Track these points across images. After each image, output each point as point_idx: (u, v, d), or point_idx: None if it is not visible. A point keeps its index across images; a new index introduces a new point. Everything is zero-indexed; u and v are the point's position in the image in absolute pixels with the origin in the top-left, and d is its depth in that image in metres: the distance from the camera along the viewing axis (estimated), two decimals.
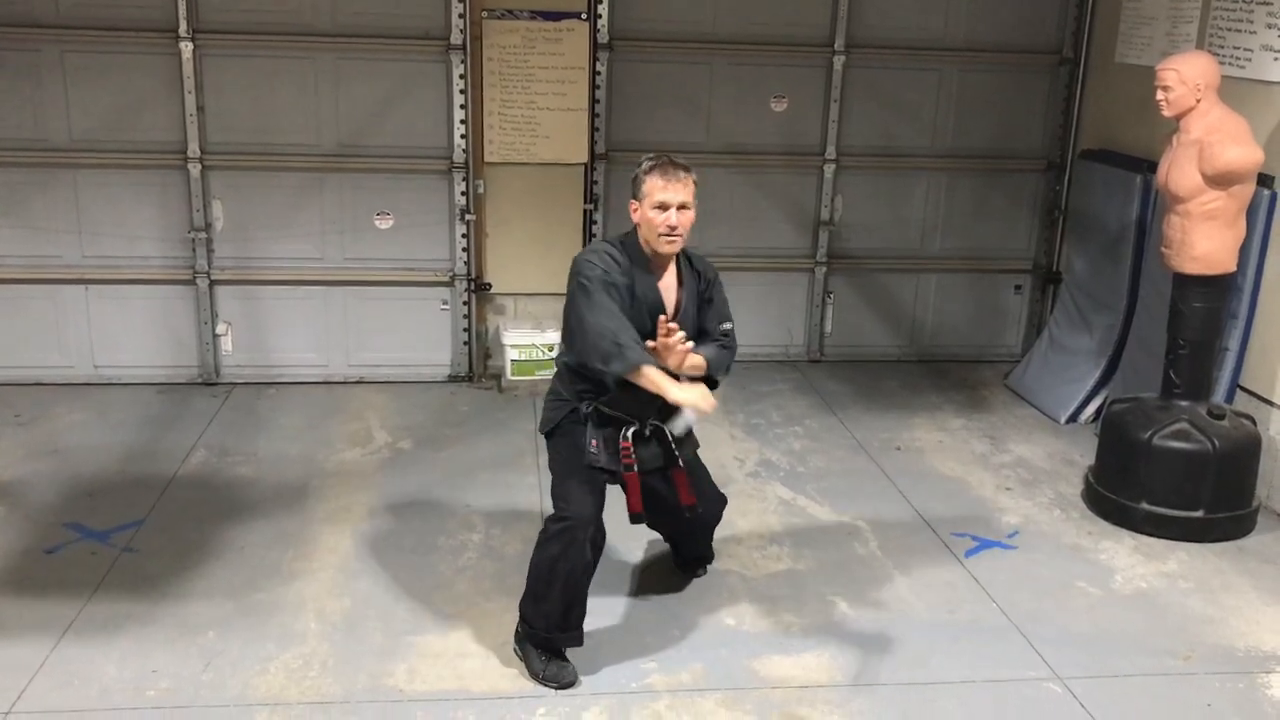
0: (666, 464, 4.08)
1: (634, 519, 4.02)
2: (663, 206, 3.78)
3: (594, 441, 3.93)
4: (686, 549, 4.61)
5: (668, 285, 3.95)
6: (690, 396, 3.67)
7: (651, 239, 3.85)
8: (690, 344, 3.78)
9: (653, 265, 3.92)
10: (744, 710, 3.79)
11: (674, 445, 4.03)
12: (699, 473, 4.32)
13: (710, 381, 3.92)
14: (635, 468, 3.95)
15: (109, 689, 3.80)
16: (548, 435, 4.07)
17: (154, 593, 4.38)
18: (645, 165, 3.84)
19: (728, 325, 4.05)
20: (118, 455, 5.65)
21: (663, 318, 3.76)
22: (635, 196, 3.86)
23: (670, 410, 3.86)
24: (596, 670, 3.97)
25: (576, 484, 3.93)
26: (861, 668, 4.05)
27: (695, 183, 3.87)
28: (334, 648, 4.07)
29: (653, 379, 3.67)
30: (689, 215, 3.83)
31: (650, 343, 3.73)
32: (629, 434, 3.94)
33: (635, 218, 3.88)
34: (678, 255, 3.98)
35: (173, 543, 4.78)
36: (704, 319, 4.03)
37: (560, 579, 3.87)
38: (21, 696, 3.75)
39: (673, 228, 3.79)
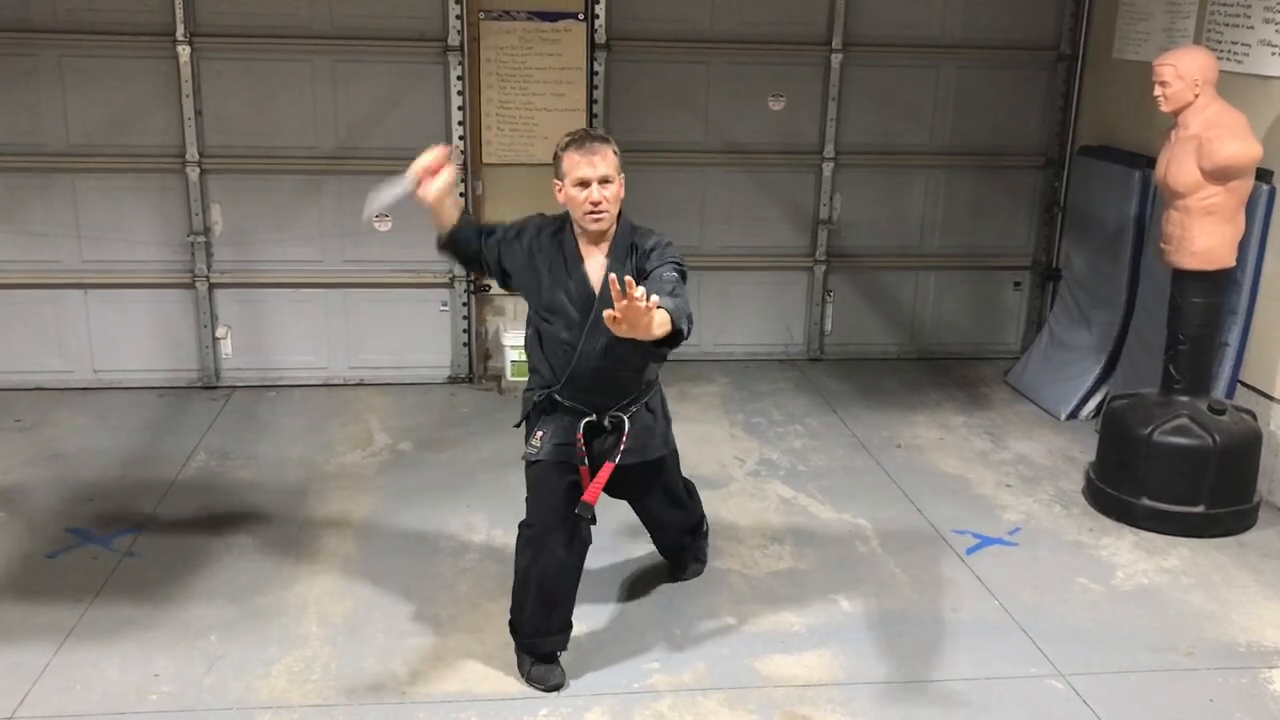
0: (609, 456, 3.82)
1: (582, 508, 3.78)
2: (583, 183, 3.59)
3: (538, 434, 3.85)
4: (669, 549, 4.55)
5: (596, 266, 3.72)
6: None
7: (578, 218, 3.67)
8: (655, 299, 3.23)
9: (586, 246, 3.74)
10: (747, 709, 3.79)
11: (622, 439, 3.81)
12: (671, 478, 4.22)
13: (676, 336, 3.40)
14: (585, 461, 3.81)
15: (111, 693, 3.80)
16: (519, 427, 4.03)
17: (155, 597, 4.39)
18: (563, 141, 3.69)
19: (673, 275, 3.59)
20: (118, 459, 5.65)
21: (613, 277, 3.18)
22: (557, 176, 3.68)
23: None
24: (598, 670, 3.97)
25: (540, 487, 3.88)
26: (864, 666, 4.05)
27: (617, 153, 3.65)
28: (336, 650, 4.07)
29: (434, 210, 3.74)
30: (613, 189, 3.62)
31: (609, 311, 3.18)
32: (581, 425, 3.81)
33: (560, 199, 3.70)
34: (620, 235, 3.75)
35: (174, 547, 4.78)
36: (647, 288, 3.53)
37: (534, 585, 3.85)
38: (24, 701, 3.75)
39: (596, 204, 3.60)
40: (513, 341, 6.71)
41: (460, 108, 6.53)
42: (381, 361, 6.83)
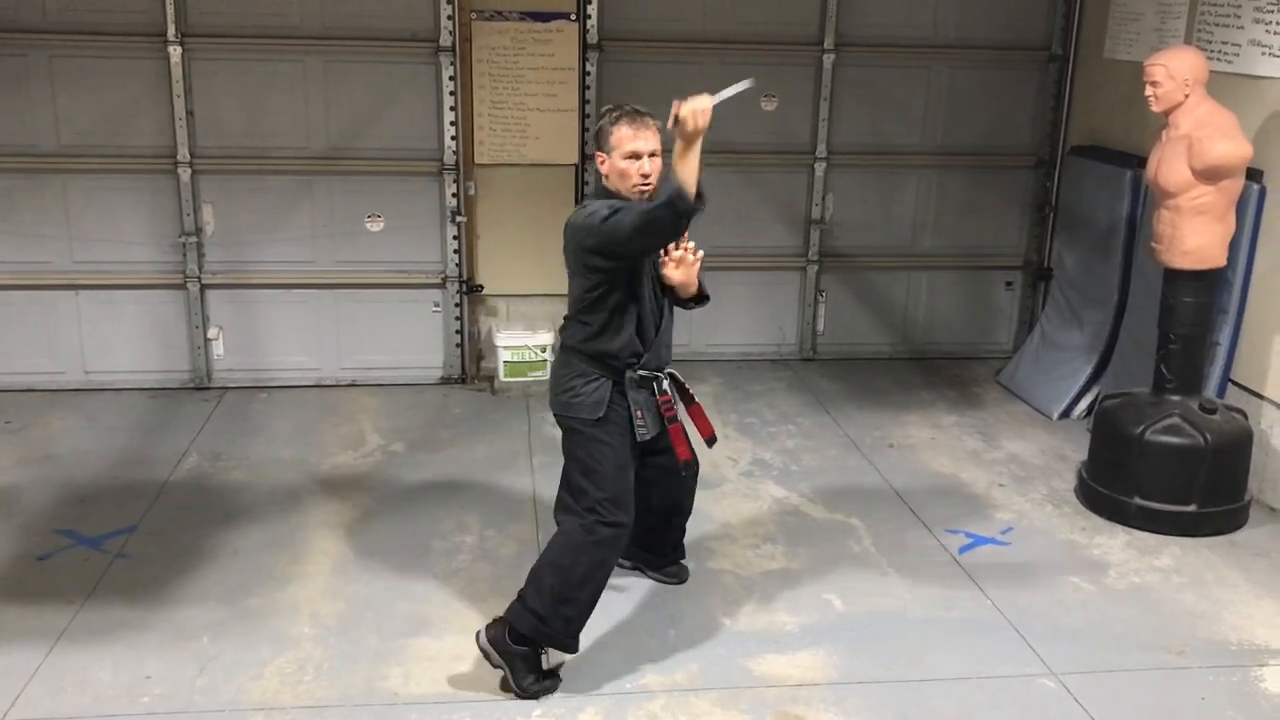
0: (686, 404, 4.08)
1: (686, 468, 4.03)
2: (635, 155, 3.71)
3: (638, 414, 3.86)
4: (676, 527, 4.51)
5: None
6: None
7: (625, 190, 3.76)
8: (702, 254, 3.81)
9: None
10: (739, 709, 3.79)
11: (686, 390, 4.10)
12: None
13: (703, 297, 3.99)
14: (677, 417, 3.95)
15: (102, 695, 3.79)
16: (597, 421, 3.82)
17: (147, 598, 4.37)
18: (611, 115, 3.76)
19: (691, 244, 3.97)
20: (110, 461, 5.64)
21: (687, 244, 3.80)
22: (601, 148, 3.77)
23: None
24: (592, 671, 3.97)
25: (625, 480, 3.88)
26: (856, 666, 4.05)
27: (661, 130, 3.76)
28: (328, 652, 4.06)
29: (688, 164, 3.46)
30: (659, 163, 3.75)
31: (671, 256, 3.76)
32: (665, 385, 3.92)
33: (604, 170, 3.79)
34: None
35: (166, 548, 4.77)
36: None
37: (594, 584, 3.83)
38: (15, 704, 3.74)
39: (646, 176, 3.72)
40: (506, 342, 6.70)
41: (452, 108, 6.52)
42: (374, 362, 6.82)
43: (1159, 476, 5.06)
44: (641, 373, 3.88)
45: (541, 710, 3.77)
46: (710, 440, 4.24)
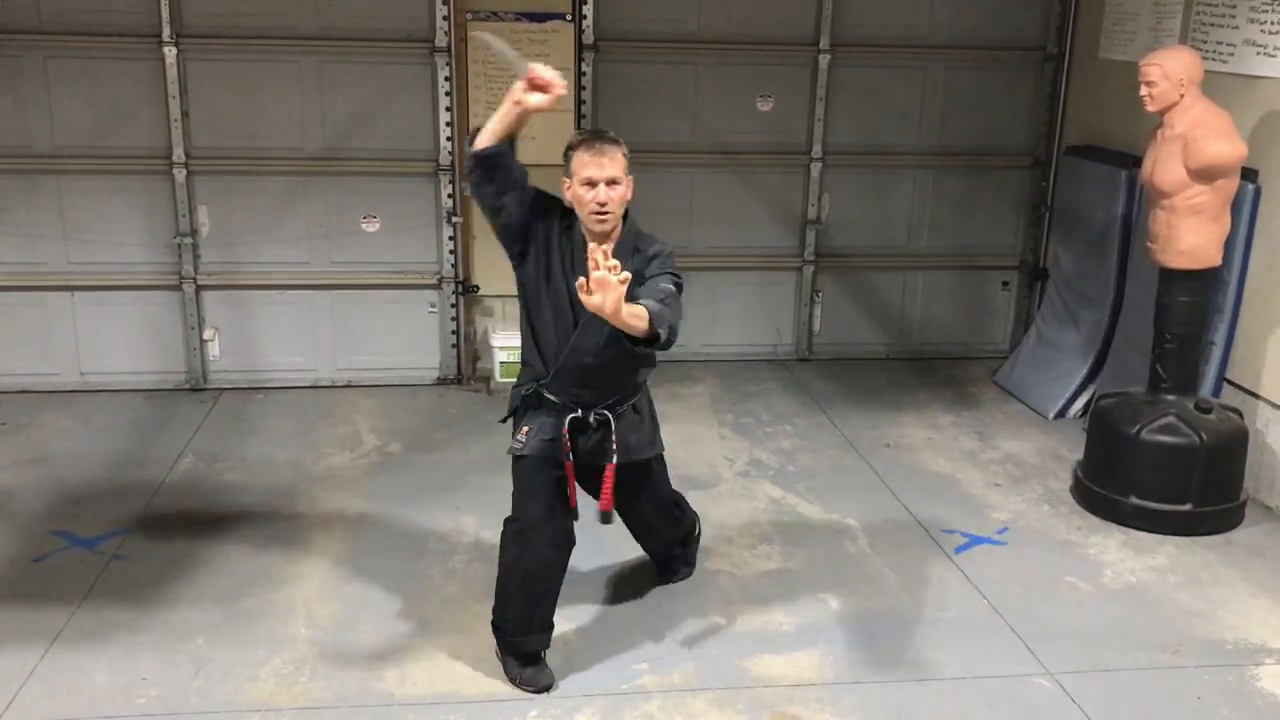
0: (604, 459, 3.85)
1: (603, 518, 3.88)
2: (590, 183, 3.60)
3: (524, 429, 3.84)
4: (657, 549, 4.51)
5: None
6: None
7: (583, 217, 3.67)
8: (627, 276, 3.29)
9: (590, 245, 3.66)
10: (736, 710, 3.79)
11: (610, 438, 3.82)
12: (659, 485, 4.22)
13: (654, 339, 3.48)
14: (570, 457, 3.81)
15: (98, 697, 3.79)
16: (507, 419, 4.02)
17: (143, 600, 4.37)
18: (573, 140, 3.69)
19: (669, 287, 3.62)
20: (105, 462, 5.63)
21: (593, 247, 3.36)
22: (566, 174, 3.70)
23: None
24: (588, 671, 3.97)
25: (527, 482, 3.89)
26: (853, 666, 4.05)
27: (626, 155, 3.67)
28: (324, 652, 4.06)
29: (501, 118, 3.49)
30: (620, 191, 3.63)
31: (581, 279, 3.28)
32: (567, 421, 3.80)
33: (568, 196, 3.72)
34: (625, 236, 3.77)
35: (161, 550, 4.76)
36: (638, 293, 3.57)
37: (518, 580, 3.85)
38: (10, 706, 3.73)
39: (602, 204, 3.60)
40: (501, 343, 6.70)
41: (448, 109, 6.52)
42: (370, 363, 6.81)
43: (1154, 476, 5.06)
44: (550, 396, 3.80)
45: (537, 711, 3.77)
46: (603, 517, 3.89)
